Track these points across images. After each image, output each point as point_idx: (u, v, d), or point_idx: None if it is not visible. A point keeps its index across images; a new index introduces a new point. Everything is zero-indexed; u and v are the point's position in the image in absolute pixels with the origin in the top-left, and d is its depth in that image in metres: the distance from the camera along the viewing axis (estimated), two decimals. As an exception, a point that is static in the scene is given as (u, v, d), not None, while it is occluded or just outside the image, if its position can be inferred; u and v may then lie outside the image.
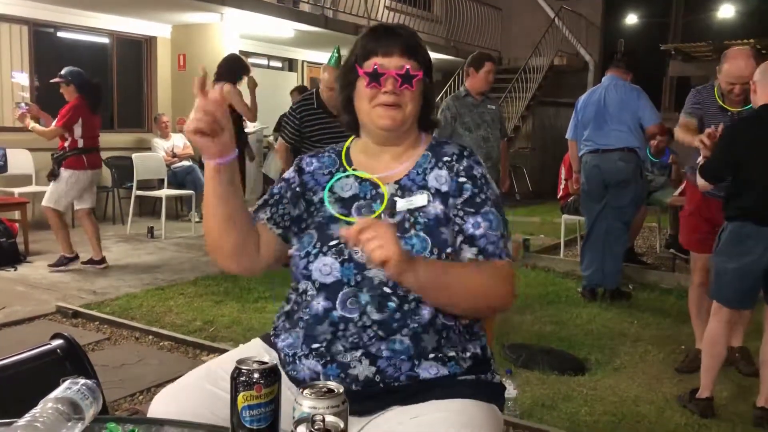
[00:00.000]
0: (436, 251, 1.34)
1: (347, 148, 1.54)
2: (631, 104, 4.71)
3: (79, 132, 5.12)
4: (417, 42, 1.45)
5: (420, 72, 1.41)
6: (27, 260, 5.66)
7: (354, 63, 1.43)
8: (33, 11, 7.45)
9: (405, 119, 1.42)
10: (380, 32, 1.45)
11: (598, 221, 4.85)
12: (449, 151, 1.46)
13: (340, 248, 1.37)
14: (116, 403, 2.91)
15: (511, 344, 3.69)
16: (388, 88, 1.38)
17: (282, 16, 8.53)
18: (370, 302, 1.32)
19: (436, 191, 1.41)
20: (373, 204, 1.43)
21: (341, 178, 1.48)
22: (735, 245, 2.86)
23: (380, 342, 1.32)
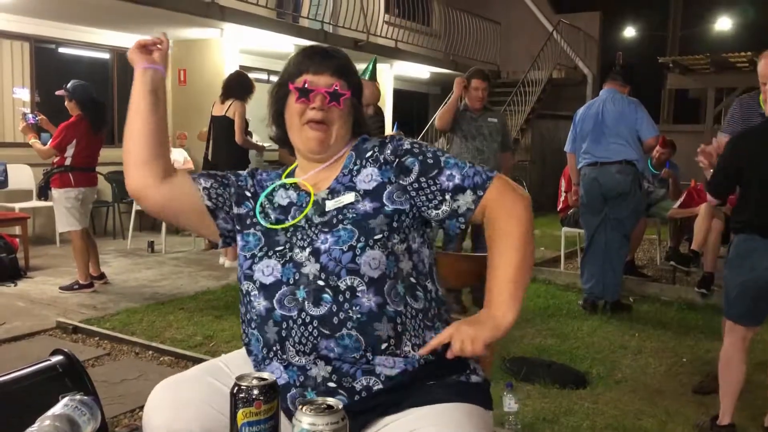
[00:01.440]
0: (363, 239, 1.36)
1: (294, 167, 1.59)
2: (629, 117, 4.73)
3: (71, 151, 4.98)
4: (348, 64, 1.51)
5: (348, 92, 1.46)
6: (27, 275, 5.66)
7: (286, 79, 1.49)
8: (34, 28, 7.49)
9: (332, 141, 1.47)
10: (313, 52, 1.51)
11: (598, 234, 4.86)
12: (369, 145, 1.50)
13: (284, 252, 1.42)
14: (116, 419, 2.90)
15: (511, 358, 3.68)
16: (316, 104, 1.43)
17: (282, 31, 8.58)
18: (307, 298, 1.35)
19: (364, 192, 1.43)
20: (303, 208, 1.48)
21: (278, 189, 1.53)
22: (741, 259, 2.80)
23: (328, 340, 1.33)
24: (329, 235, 1.38)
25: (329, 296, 1.34)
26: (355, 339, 1.32)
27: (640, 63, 16.50)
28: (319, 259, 1.37)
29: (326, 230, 1.40)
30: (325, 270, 1.35)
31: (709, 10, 19.24)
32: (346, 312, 1.33)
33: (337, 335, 1.32)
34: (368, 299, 1.33)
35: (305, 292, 1.35)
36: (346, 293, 1.33)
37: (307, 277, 1.36)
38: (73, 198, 5.02)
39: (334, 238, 1.37)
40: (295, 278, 1.37)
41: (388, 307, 1.34)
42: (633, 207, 4.81)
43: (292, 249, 1.41)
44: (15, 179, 6.69)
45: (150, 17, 7.28)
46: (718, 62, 10.41)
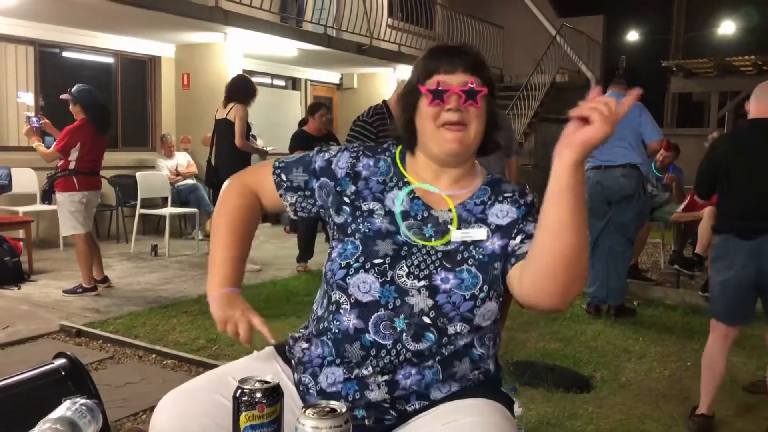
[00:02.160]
0: (486, 288, 1.30)
1: (400, 156, 1.46)
2: (633, 120, 4.72)
3: (75, 155, 4.98)
4: (481, 59, 1.40)
5: (484, 88, 1.35)
6: (31, 279, 5.66)
7: (416, 83, 1.38)
8: (38, 32, 7.52)
9: (471, 142, 1.36)
10: (442, 50, 1.41)
11: (602, 237, 4.85)
12: (509, 188, 1.42)
13: (383, 268, 1.32)
14: (119, 423, 2.89)
15: (515, 362, 3.67)
16: (452, 105, 1.32)
17: (285, 35, 8.59)
18: (406, 330, 1.29)
19: (496, 227, 1.36)
20: (423, 227, 1.36)
21: (407, 192, 1.40)
22: (721, 259, 2.89)
23: (411, 366, 1.31)
24: (451, 274, 1.30)
25: (433, 336, 1.29)
26: (435, 371, 1.31)
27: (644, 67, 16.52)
28: (435, 297, 1.29)
29: (448, 267, 1.31)
30: (438, 310, 1.29)
31: (712, 13, 19.24)
32: (440, 348, 1.31)
33: (422, 365, 1.31)
34: (464, 341, 1.32)
35: (405, 324, 1.29)
36: (452, 337, 1.30)
37: (411, 309, 1.29)
38: (77, 202, 5.03)
39: (456, 280, 1.30)
40: (396, 304, 1.30)
41: (474, 351, 1.34)
42: (637, 210, 4.80)
43: (393, 267, 1.32)
44: (19, 183, 6.69)
45: (154, 21, 7.31)
46: (722, 66, 10.42)
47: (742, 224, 2.82)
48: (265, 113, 9.40)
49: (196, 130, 8.69)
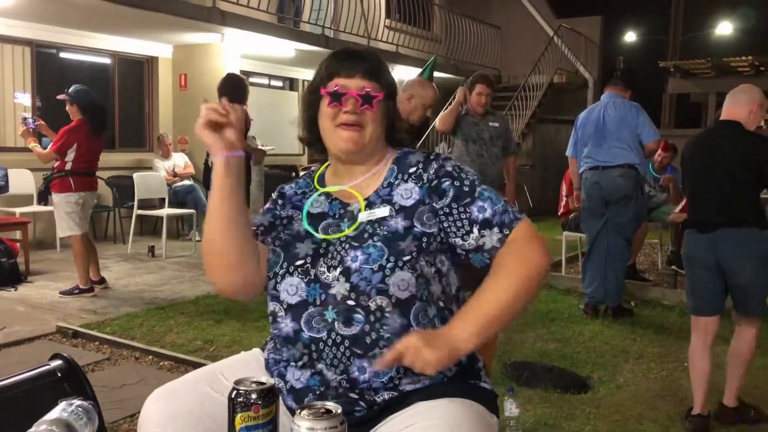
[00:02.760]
0: (392, 259, 1.34)
1: (321, 171, 1.57)
2: (630, 121, 4.73)
3: (72, 156, 4.98)
4: (379, 65, 1.48)
5: (381, 93, 1.44)
6: (28, 280, 5.65)
7: (318, 84, 1.47)
8: (35, 32, 7.51)
9: (366, 141, 1.44)
10: (343, 55, 1.48)
11: (600, 238, 4.85)
12: (414, 160, 1.48)
13: (305, 268, 1.38)
14: (116, 424, 2.89)
15: (513, 362, 3.67)
16: (348, 108, 1.41)
17: (282, 36, 8.59)
18: (336, 318, 1.33)
19: (400, 207, 1.42)
20: (340, 223, 1.44)
21: (315, 198, 1.50)
22: (688, 253, 3.09)
23: (360, 360, 1.32)
24: (359, 251, 1.36)
25: (361, 316, 1.32)
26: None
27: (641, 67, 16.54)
28: (349, 278, 1.34)
29: (356, 245, 1.37)
30: (356, 290, 1.33)
31: (710, 14, 19.27)
32: (377, 332, 1.32)
33: (370, 354, 1.32)
34: (394, 320, 1.32)
35: (334, 313, 1.33)
36: (377, 312, 1.32)
37: (334, 297, 1.34)
38: (73, 203, 5.02)
39: (364, 255, 1.35)
40: (322, 299, 1.35)
41: (412, 330, 1.33)
42: (635, 211, 4.80)
43: (314, 265, 1.38)
44: (15, 184, 6.68)
45: (151, 22, 7.30)
46: (719, 67, 10.44)
47: (701, 218, 3.02)
48: (262, 114, 9.39)
49: (193, 131, 8.64)
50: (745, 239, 2.89)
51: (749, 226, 2.90)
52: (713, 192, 3.00)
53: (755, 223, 2.91)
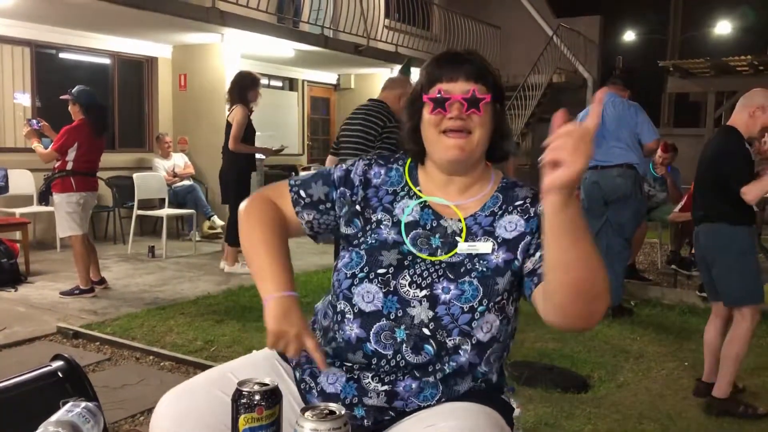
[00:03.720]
0: (485, 302, 1.30)
1: (410, 166, 1.46)
2: (629, 121, 4.74)
3: (73, 155, 4.98)
4: (484, 66, 1.38)
5: (488, 95, 1.34)
6: (28, 281, 5.65)
7: (419, 91, 1.38)
8: (35, 33, 7.51)
9: (473, 148, 1.34)
10: (445, 58, 1.39)
11: (599, 238, 4.85)
12: (521, 194, 1.40)
13: (387, 278, 1.33)
14: (117, 425, 2.89)
15: (513, 362, 3.67)
16: (453, 114, 1.32)
17: (282, 36, 8.59)
18: (406, 341, 1.29)
19: (503, 240, 1.35)
20: (431, 237, 1.36)
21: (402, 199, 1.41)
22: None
23: (411, 379, 1.30)
24: (452, 284, 1.30)
25: (432, 349, 1.29)
26: (435, 387, 1.30)
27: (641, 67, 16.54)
28: (435, 308, 1.29)
29: (451, 277, 1.30)
30: (437, 322, 1.29)
31: (709, 14, 19.28)
32: (441, 364, 1.30)
33: (422, 380, 1.30)
34: (466, 357, 1.30)
35: (405, 335, 1.29)
36: (450, 351, 1.29)
37: (411, 319, 1.29)
38: (74, 203, 5.02)
39: (457, 291, 1.30)
40: (398, 315, 1.30)
41: (479, 369, 1.32)
42: (634, 211, 4.80)
43: (396, 276, 1.32)
44: (15, 184, 6.69)
45: (151, 22, 7.30)
46: (719, 66, 10.42)
47: (693, 215, 3.40)
48: (262, 114, 9.37)
49: (194, 131, 8.68)
50: (715, 233, 3.17)
51: (720, 221, 3.14)
52: (698, 190, 3.32)
53: (727, 218, 3.12)
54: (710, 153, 3.21)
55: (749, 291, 3.12)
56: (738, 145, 3.09)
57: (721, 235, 3.15)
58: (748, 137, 3.11)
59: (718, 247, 3.17)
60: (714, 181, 3.16)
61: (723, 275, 3.16)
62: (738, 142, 3.10)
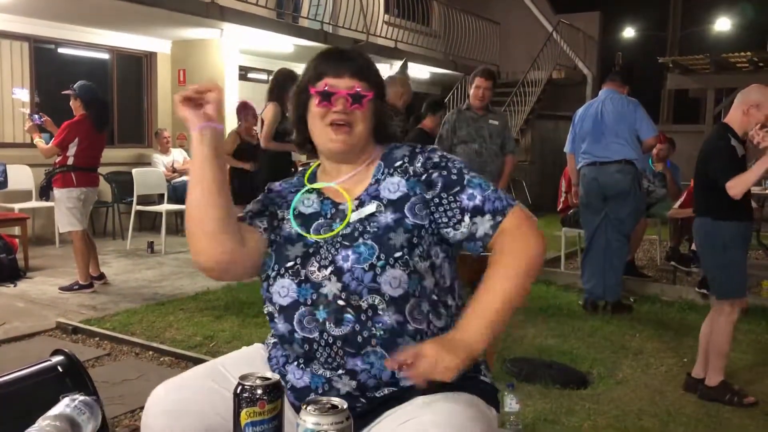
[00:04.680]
0: (383, 257, 1.34)
1: (312, 170, 1.57)
2: (628, 117, 4.73)
3: (74, 150, 4.98)
4: (368, 65, 1.48)
5: (370, 93, 1.44)
6: (27, 276, 5.65)
7: (306, 83, 1.46)
8: (34, 28, 7.49)
9: (355, 142, 1.44)
10: (332, 55, 1.49)
11: (598, 234, 4.85)
12: (399, 154, 1.49)
13: (296, 269, 1.39)
14: (116, 420, 2.89)
15: (512, 358, 3.68)
16: (338, 108, 1.41)
17: (281, 31, 8.58)
18: (327, 319, 1.33)
19: (388, 201, 1.42)
20: (333, 223, 1.43)
21: (304, 194, 1.50)
22: None
23: (354, 358, 1.32)
24: (350, 251, 1.36)
25: (351, 316, 1.32)
26: (380, 356, 1.32)
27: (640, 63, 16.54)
28: (341, 278, 1.34)
29: (347, 244, 1.37)
30: (347, 289, 1.33)
31: (708, 10, 19.26)
32: (369, 330, 1.32)
33: (363, 353, 1.32)
34: (389, 317, 1.32)
35: (325, 313, 1.34)
36: (368, 311, 1.32)
37: (326, 297, 1.35)
38: (75, 198, 5.03)
39: (354, 255, 1.35)
40: (313, 298, 1.36)
41: (408, 326, 1.33)
42: (633, 207, 4.81)
43: (305, 265, 1.38)
44: (15, 180, 6.68)
45: (150, 17, 7.28)
46: (718, 62, 10.41)
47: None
48: (260, 109, 9.37)
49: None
50: (698, 227, 3.27)
51: (704, 215, 3.21)
52: (695, 185, 3.43)
53: (710, 213, 3.18)
54: (701, 149, 3.25)
55: (729, 285, 3.18)
56: (725, 141, 3.10)
57: (704, 229, 3.22)
58: (743, 134, 3.11)
59: (702, 241, 3.27)
60: (701, 176, 3.21)
61: (706, 269, 3.31)
62: (725, 138, 3.11)
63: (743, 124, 3.09)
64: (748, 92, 3.14)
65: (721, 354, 3.22)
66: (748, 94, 3.12)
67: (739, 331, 4.32)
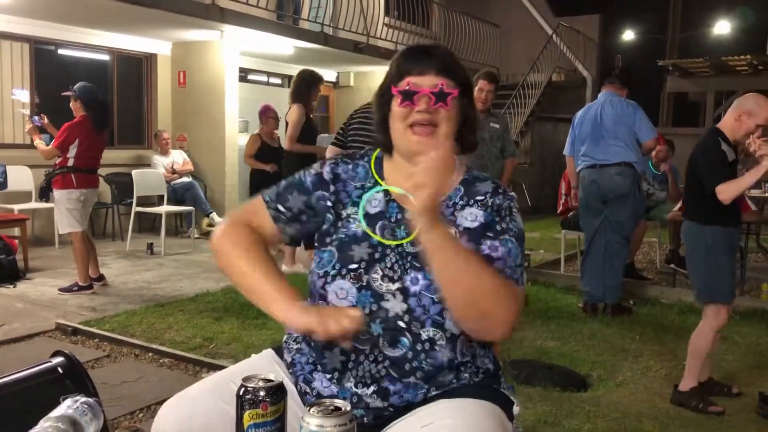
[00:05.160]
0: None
1: (376, 160, 1.48)
2: (628, 119, 4.74)
3: (74, 152, 4.97)
4: (453, 61, 1.41)
5: (455, 90, 1.36)
6: (27, 277, 5.64)
7: (389, 83, 1.41)
8: (34, 29, 7.49)
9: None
10: (414, 52, 1.42)
11: (598, 236, 4.86)
12: (482, 189, 1.42)
13: (359, 273, 1.34)
14: (116, 421, 2.88)
15: (512, 360, 3.68)
16: (421, 107, 1.34)
17: (282, 33, 8.57)
18: (382, 335, 1.30)
19: (465, 229, 1.37)
20: (396, 229, 1.38)
21: (374, 192, 1.42)
22: None
23: (394, 380, 1.30)
24: (420, 274, 1.31)
25: (407, 341, 1.30)
26: (420, 386, 1.31)
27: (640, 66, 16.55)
28: (407, 300, 1.31)
29: (417, 266, 1.32)
30: (411, 314, 1.30)
31: (708, 13, 19.29)
32: (420, 361, 1.30)
33: (404, 380, 1.30)
34: (442, 354, 1.31)
35: (381, 329, 1.30)
36: (426, 344, 1.30)
37: (386, 313, 1.31)
38: (75, 199, 5.02)
39: (425, 281, 1.31)
40: (372, 309, 1.31)
41: (456, 361, 1.33)
42: (632, 209, 4.81)
43: (368, 271, 1.33)
44: (14, 181, 6.67)
45: (150, 18, 7.28)
46: (718, 65, 10.44)
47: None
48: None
49: (193, 128, 8.67)
50: (685, 232, 3.30)
51: (690, 219, 3.24)
52: (685, 189, 3.45)
53: (696, 217, 3.20)
54: (692, 153, 3.25)
55: (712, 289, 3.17)
56: (714, 144, 3.10)
57: (689, 233, 3.25)
58: (733, 140, 3.12)
59: (687, 245, 3.31)
60: (691, 179, 3.23)
61: (690, 272, 3.33)
62: (715, 142, 3.11)
63: (734, 130, 3.10)
64: (744, 100, 3.14)
65: (697, 358, 3.22)
66: (744, 101, 3.13)
67: (739, 334, 4.34)
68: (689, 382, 3.22)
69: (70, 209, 5.02)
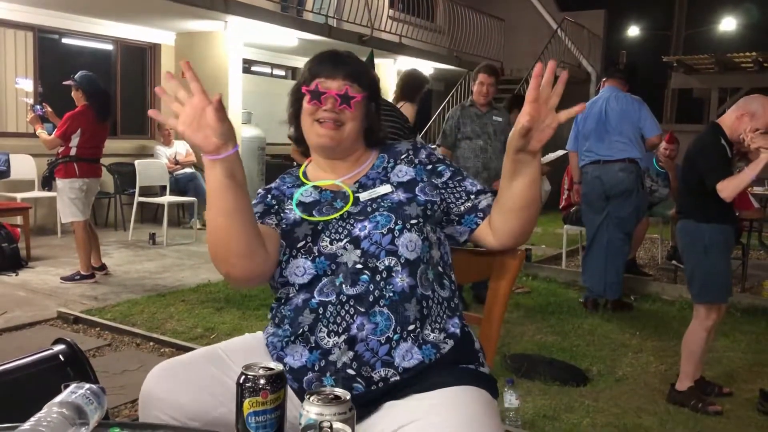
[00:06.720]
0: (400, 222, 1.41)
1: (304, 169, 1.62)
2: (632, 115, 4.72)
3: (76, 141, 4.97)
4: (361, 69, 1.55)
5: (360, 94, 1.50)
6: (29, 266, 5.66)
7: (301, 83, 1.54)
8: (38, 18, 7.48)
9: (342, 138, 1.51)
10: (328, 57, 1.54)
11: (600, 232, 4.85)
12: (403, 148, 1.60)
13: (308, 247, 1.43)
14: (117, 409, 2.90)
15: (512, 354, 3.69)
16: (327, 107, 1.48)
17: (286, 24, 8.56)
18: (344, 282, 1.38)
19: (399, 183, 1.51)
20: (334, 203, 1.49)
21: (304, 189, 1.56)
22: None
23: (361, 317, 1.34)
24: (366, 221, 1.42)
25: (367, 276, 1.37)
26: (386, 317, 1.34)
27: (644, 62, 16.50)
28: (359, 245, 1.40)
29: (362, 218, 1.43)
30: (366, 254, 1.39)
31: (713, 10, 19.22)
32: (381, 290, 1.36)
33: (370, 312, 1.35)
34: (402, 279, 1.37)
35: (343, 277, 1.38)
36: (383, 273, 1.38)
37: (345, 266, 1.39)
38: (77, 188, 5.03)
39: (372, 224, 1.42)
40: (332, 269, 1.40)
41: (418, 290, 1.38)
42: (635, 205, 4.80)
43: (315, 242, 1.43)
44: (17, 169, 6.68)
45: (154, 8, 7.28)
46: (723, 62, 10.40)
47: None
48: (263, 103, 9.38)
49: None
50: (681, 230, 3.26)
51: (687, 218, 3.19)
52: (680, 186, 3.45)
53: (693, 215, 3.16)
54: (690, 149, 3.21)
55: (707, 289, 3.14)
56: (713, 140, 3.07)
57: (686, 231, 3.20)
58: (731, 138, 3.09)
59: (683, 243, 3.24)
60: (688, 176, 3.19)
61: (686, 271, 3.28)
62: (715, 137, 3.08)
63: (733, 127, 3.06)
64: (751, 100, 3.09)
65: (691, 358, 3.20)
66: (750, 101, 3.07)
67: (740, 331, 4.35)
68: (686, 382, 3.21)
69: (72, 198, 5.02)
